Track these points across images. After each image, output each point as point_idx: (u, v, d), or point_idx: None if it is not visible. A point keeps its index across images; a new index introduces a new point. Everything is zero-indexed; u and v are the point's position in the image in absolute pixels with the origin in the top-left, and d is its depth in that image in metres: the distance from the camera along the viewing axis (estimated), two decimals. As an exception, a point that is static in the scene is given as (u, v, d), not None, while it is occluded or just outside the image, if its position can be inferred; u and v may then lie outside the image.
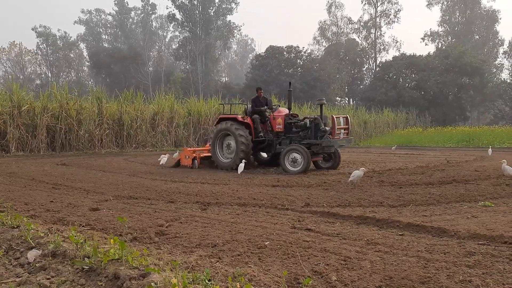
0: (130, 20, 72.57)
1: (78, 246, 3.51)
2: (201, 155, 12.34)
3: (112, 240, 3.43)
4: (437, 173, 10.10)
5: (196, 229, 4.51)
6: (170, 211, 5.60)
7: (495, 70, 58.46)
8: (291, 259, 3.50)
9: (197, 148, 13.61)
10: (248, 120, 11.48)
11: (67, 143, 19.13)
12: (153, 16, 71.17)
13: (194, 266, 3.23)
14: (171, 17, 58.88)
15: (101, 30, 73.79)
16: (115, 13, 71.33)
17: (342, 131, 11.00)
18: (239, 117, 11.56)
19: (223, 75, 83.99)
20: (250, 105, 12.04)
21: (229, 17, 60.72)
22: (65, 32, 72.78)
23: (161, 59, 67.52)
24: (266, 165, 12.18)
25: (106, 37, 73.94)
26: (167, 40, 76.56)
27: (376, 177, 9.06)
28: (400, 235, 4.34)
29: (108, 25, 73.77)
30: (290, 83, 13.03)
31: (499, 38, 64.84)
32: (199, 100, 26.35)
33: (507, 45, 65.81)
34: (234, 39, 73.24)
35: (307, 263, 3.38)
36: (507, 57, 66.59)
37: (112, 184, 8.29)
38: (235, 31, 63.33)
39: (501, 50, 66.15)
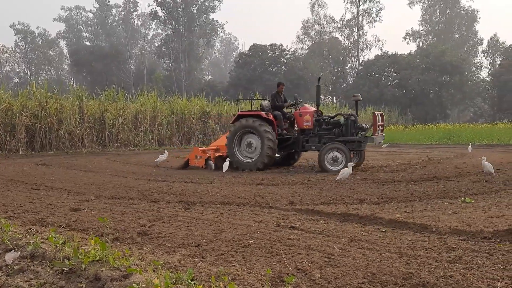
0: (111, 17, 71.67)
1: (58, 248, 3.44)
2: (216, 155, 11.47)
3: (92, 241, 3.37)
4: (419, 170, 10.24)
5: (179, 229, 4.47)
6: (153, 210, 5.54)
7: (474, 69, 59.66)
8: (275, 257, 3.49)
9: (207, 148, 12.43)
10: (271, 117, 10.88)
11: (47, 143, 18.78)
12: (134, 13, 70.50)
13: (177, 266, 3.20)
14: (153, 15, 58.42)
15: (81, 27, 72.67)
16: (95, 10, 70.34)
17: (380, 127, 10.80)
18: (263, 113, 10.85)
19: (207, 73, 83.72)
20: (270, 101, 11.46)
21: (212, 15, 60.66)
22: (45, 30, 71.63)
23: (143, 57, 66.88)
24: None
25: (87, 34, 72.85)
26: (149, 37, 75.96)
27: (359, 175, 9.13)
28: (382, 231, 4.38)
29: (89, 22, 72.69)
30: (319, 78, 12.71)
31: (478, 37, 66.30)
32: (182, 99, 26.21)
33: (486, 44, 67.31)
34: (218, 37, 73.00)
35: (291, 261, 3.37)
36: (486, 56, 68.09)
37: (93, 184, 8.17)
38: (218, 29, 63.12)
39: (480, 49, 67.70)
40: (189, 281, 2.75)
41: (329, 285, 2.87)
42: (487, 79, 56.32)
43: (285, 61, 51.37)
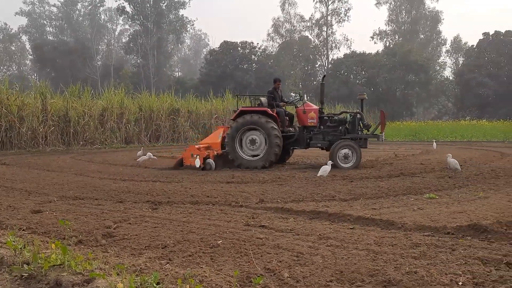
0: (77, 12, 69.66)
1: (17, 252, 3.30)
2: (215, 153, 10.73)
3: (53, 245, 3.24)
4: (386, 166, 10.46)
5: (146, 230, 4.36)
6: (118, 211, 5.39)
7: (438, 68, 61.65)
8: (244, 257, 3.46)
9: (202, 145, 11.39)
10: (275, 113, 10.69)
11: (8, 141, 18.02)
12: (101, 8, 68.68)
13: (142, 269, 3.11)
14: (120, 10, 57.10)
15: (45, 22, 70.32)
16: (60, 4, 68.16)
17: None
18: (269, 109, 10.62)
19: (176, 70, 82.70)
20: (267, 98, 11.21)
21: (182, 11, 59.88)
22: (6, 24, 68.94)
23: (110, 53, 65.32)
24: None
25: (51, 29, 70.58)
26: (116, 33, 74.31)
27: (329, 172, 9.21)
28: (351, 228, 4.43)
29: (53, 17, 70.40)
30: (324, 76, 12.57)
31: (442, 37, 68.51)
32: (151, 95, 25.77)
33: (449, 44, 69.61)
34: (187, 34, 72.22)
35: (260, 260, 3.35)
36: (449, 55, 70.44)
37: (56, 184, 7.88)
38: (188, 25, 62.45)
39: (444, 49, 69.98)
40: (155, 284, 2.68)
41: (297, 285, 2.86)
42: (451, 78, 58.31)
43: (256, 59, 51.39)
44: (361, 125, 10.77)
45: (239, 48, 50.44)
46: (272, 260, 3.35)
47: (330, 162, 8.89)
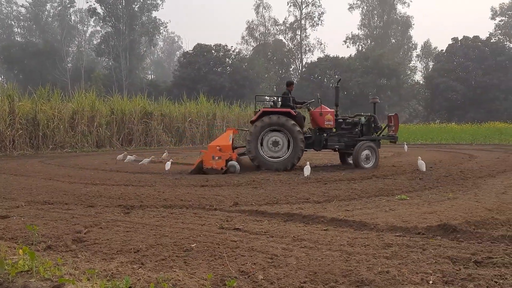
0: (46, 13, 67.89)
1: (-19, 259, 3.16)
2: (236, 155, 10.37)
3: (21, 250, 3.14)
4: (359, 169, 10.61)
5: (117, 234, 4.27)
6: (89, 216, 5.26)
7: (409, 72, 63.24)
8: (218, 260, 3.43)
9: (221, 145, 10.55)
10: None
11: (-27, 145, 17.37)
12: (71, 9, 67.15)
13: (114, 274, 3.04)
14: (91, 11, 56.03)
15: (12, 22, 68.25)
16: (28, 4, 66.26)
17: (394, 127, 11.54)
18: (293, 111, 10.54)
19: (149, 73, 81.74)
20: (282, 100, 11.14)
21: (154, 13, 59.29)
22: (-29, 24, 66.31)
23: (81, 54, 63.91)
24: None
25: (19, 30, 68.58)
26: (87, 35, 72.81)
27: (303, 174, 9.27)
28: (324, 230, 4.46)
29: (21, 17, 68.41)
30: (339, 80, 12.65)
31: (413, 42, 70.31)
32: (123, 98, 25.31)
33: (420, 49, 71.55)
34: (160, 36, 71.49)
35: (234, 263, 3.33)
36: (419, 60, 72.38)
37: (24, 189, 7.63)
38: (161, 27, 61.84)
39: (414, 54, 71.82)
40: (126, 289, 2.62)
41: (271, 286, 2.86)
42: (421, 82, 59.86)
43: (230, 62, 51.36)
44: (375, 127, 11.20)
45: (213, 51, 50.30)
46: (246, 262, 3.34)
47: (308, 162, 9.03)
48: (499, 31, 57.55)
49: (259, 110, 10.77)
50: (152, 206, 5.87)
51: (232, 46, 53.02)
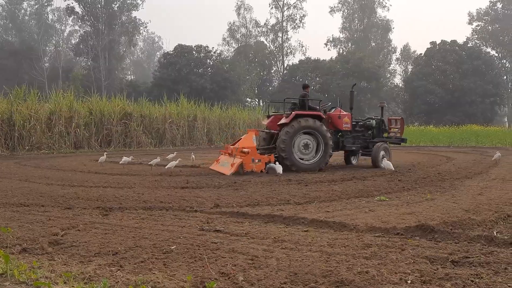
0: (23, 11, 66.24)
1: (-47, 263, 3.06)
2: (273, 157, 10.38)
3: (-6, 254, 3.04)
4: (339, 170, 10.74)
5: (95, 237, 4.19)
6: (67, 218, 5.14)
7: (389, 76, 64.15)
8: (198, 262, 3.40)
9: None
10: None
11: None
12: (49, 8, 65.72)
13: (91, 277, 2.99)
14: (70, 10, 55.00)
15: (-13, 21, 66.34)
16: (4, 3, 64.56)
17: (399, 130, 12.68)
18: (322, 114, 11.04)
19: (129, 73, 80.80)
20: (301, 102, 11.32)
21: (134, 13, 58.51)
22: None
23: (58, 54, 62.59)
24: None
25: (-6, 28, 66.66)
26: (65, 34, 71.41)
27: (284, 176, 9.32)
28: (305, 231, 4.48)
29: (-4, 16, 66.58)
30: (354, 84, 13.27)
31: (392, 46, 71.34)
32: (102, 99, 24.93)
33: (399, 53, 72.72)
34: (140, 36, 70.69)
35: (215, 265, 3.31)
36: (399, 63, 73.55)
37: (-1, 191, 7.42)
38: (141, 27, 61.11)
39: (394, 57, 72.90)
40: (104, 292, 2.57)
41: (252, 288, 2.85)
42: (400, 85, 60.81)
43: (211, 63, 51.12)
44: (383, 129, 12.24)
45: (194, 52, 49.94)
46: (227, 264, 3.32)
47: (276, 162, 9.73)
48: (476, 36, 59.00)
49: (273, 114, 11.46)
50: (131, 208, 5.79)
51: (213, 47, 52.79)
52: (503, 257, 3.41)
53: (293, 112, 10.67)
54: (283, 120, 10.70)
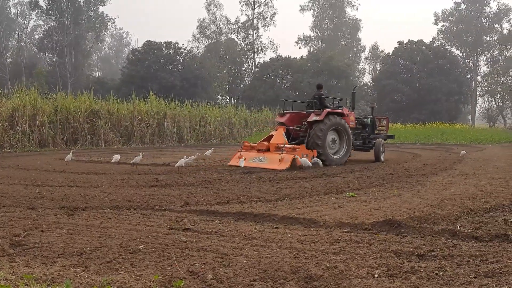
0: (-17, 4, 63.48)
1: None
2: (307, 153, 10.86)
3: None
4: (309, 168, 10.80)
5: (60, 237, 4.05)
6: (29, 218, 4.95)
7: (358, 74, 65.19)
8: (166, 261, 3.34)
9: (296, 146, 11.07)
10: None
11: None
12: (11, 1, 63.33)
13: (54, 278, 2.89)
14: (33, 4, 53.06)
15: None
16: (-37, -5, 61.67)
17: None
18: (345, 112, 12.14)
19: (96, 70, 78.86)
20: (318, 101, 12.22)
21: (101, 8, 57.06)
22: None
23: (21, 49, 60.37)
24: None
25: (-49, 22, 63.55)
26: (29, 29, 69.00)
27: (255, 174, 9.32)
28: (275, 228, 4.48)
29: (-46, 8, 63.52)
30: (355, 87, 14.41)
31: (361, 45, 72.59)
32: (67, 96, 24.20)
33: (368, 52, 74.10)
34: (108, 32, 69.00)
35: (183, 264, 3.26)
36: (367, 62, 74.96)
37: (-44, 191, 7.07)
38: (108, 23, 59.67)
39: (363, 56, 74.23)
40: (67, 294, 2.48)
41: (221, 286, 2.82)
42: (369, 83, 61.94)
43: (181, 60, 50.46)
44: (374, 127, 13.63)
45: (163, 49, 49.12)
46: (195, 262, 3.28)
47: (242, 159, 10.44)
48: (441, 36, 60.74)
49: (286, 112, 12.66)
50: (98, 208, 5.64)
51: (183, 44, 52.16)
52: (466, 250, 3.52)
53: (324, 110, 11.44)
54: (314, 118, 11.32)
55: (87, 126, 23.06)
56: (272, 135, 11.75)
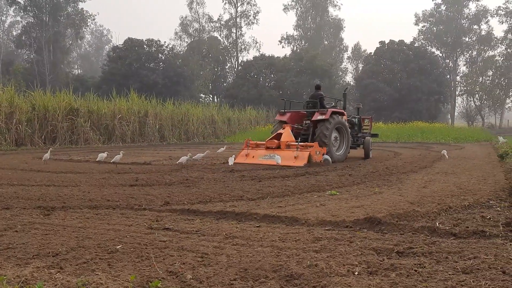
0: (-42, 0, 61.82)
1: None
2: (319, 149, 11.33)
3: None
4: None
5: (35, 238, 3.94)
6: (3, 219, 4.81)
7: (341, 73, 65.67)
8: (145, 261, 3.27)
9: (308, 144, 11.53)
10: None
11: None
12: (-12, -3, 61.75)
13: (28, 280, 2.80)
14: (11, 0, 51.81)
15: None
16: None
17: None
18: (345, 112, 12.95)
19: (76, 67, 77.56)
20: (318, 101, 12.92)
21: (81, 5, 56.05)
22: None
23: (-1, 46, 58.96)
24: None
25: None
26: (6, 25, 67.41)
27: (238, 172, 9.27)
28: (257, 227, 4.45)
29: None
30: (346, 88, 15.36)
31: (344, 44, 73.18)
32: (46, 94, 23.72)
33: (350, 51, 74.74)
34: (88, 29, 67.84)
35: (162, 264, 3.20)
36: (350, 61, 75.58)
37: None
38: (88, 20, 58.66)
39: (345, 56, 74.83)
40: (40, 297, 2.40)
41: (200, 285, 2.77)
42: (352, 83, 62.47)
43: (163, 58, 49.96)
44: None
45: (145, 46, 48.53)
46: (175, 262, 3.22)
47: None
48: (422, 36, 61.66)
49: (286, 111, 13.08)
50: (75, 207, 5.51)
51: (165, 42, 51.63)
52: (444, 247, 3.54)
53: (329, 110, 12.04)
54: (320, 117, 11.89)
55: (66, 124, 22.65)
56: (280, 133, 12.02)
